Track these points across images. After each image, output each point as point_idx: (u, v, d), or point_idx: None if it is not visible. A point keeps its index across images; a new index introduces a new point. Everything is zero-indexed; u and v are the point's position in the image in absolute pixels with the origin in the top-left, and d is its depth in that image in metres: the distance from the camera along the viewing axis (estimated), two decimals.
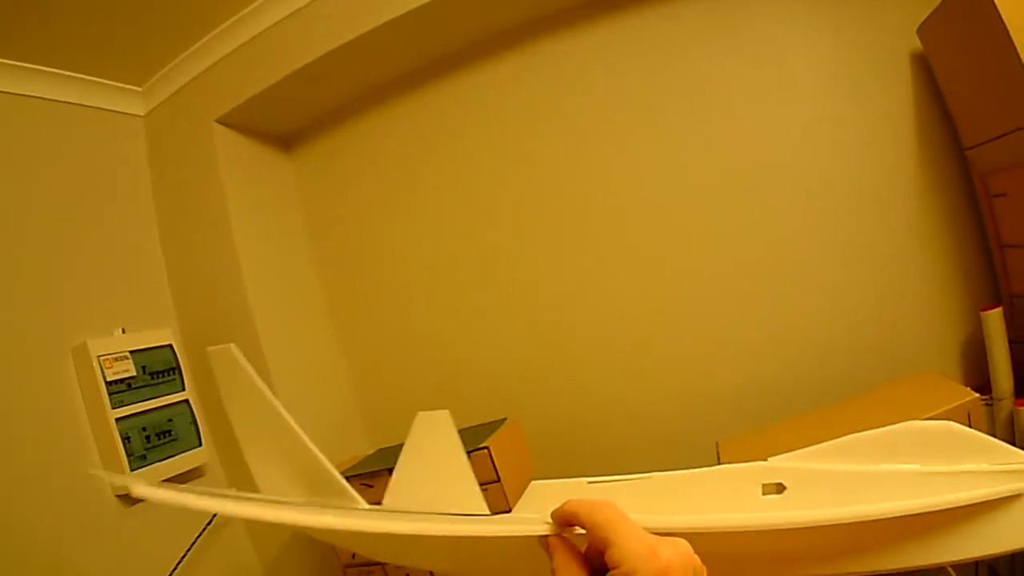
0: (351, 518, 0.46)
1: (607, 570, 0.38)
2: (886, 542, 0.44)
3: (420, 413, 0.96)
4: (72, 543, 1.29)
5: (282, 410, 0.73)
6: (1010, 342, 1.39)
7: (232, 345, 0.72)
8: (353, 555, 1.37)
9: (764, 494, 0.48)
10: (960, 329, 1.41)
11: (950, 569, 1.27)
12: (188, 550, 1.43)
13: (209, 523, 1.46)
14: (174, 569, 1.41)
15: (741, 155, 1.44)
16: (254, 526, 1.59)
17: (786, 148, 1.42)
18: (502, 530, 0.45)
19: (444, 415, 0.94)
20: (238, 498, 0.53)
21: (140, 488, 0.38)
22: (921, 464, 0.43)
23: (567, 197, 1.54)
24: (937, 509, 0.40)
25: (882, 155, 1.40)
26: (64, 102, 1.49)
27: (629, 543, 0.36)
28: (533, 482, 0.66)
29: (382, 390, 1.72)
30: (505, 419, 1.36)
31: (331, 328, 1.76)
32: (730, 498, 0.50)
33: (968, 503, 0.40)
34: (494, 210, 1.59)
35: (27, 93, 1.43)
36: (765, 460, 0.52)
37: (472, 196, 1.61)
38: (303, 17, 1.41)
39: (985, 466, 0.41)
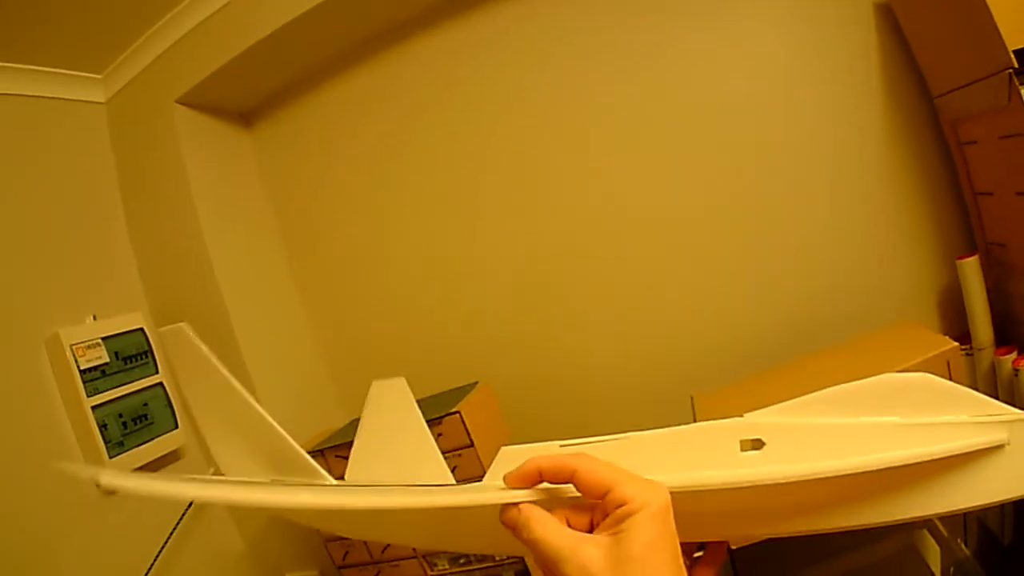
0: (320, 495, 0.45)
1: (590, 528, 0.37)
2: (868, 496, 0.44)
3: (375, 382, 0.95)
4: (54, 533, 1.29)
5: (241, 388, 0.72)
6: (988, 291, 1.38)
7: (183, 324, 0.70)
8: None
9: (743, 450, 0.47)
10: (937, 279, 1.40)
11: (937, 521, 1.27)
12: (170, 535, 1.43)
13: (188, 507, 1.46)
14: (158, 555, 1.41)
15: (707, 110, 1.42)
16: (235, 507, 1.59)
17: (752, 101, 1.40)
18: (475, 499, 0.44)
19: (400, 382, 0.92)
20: (207, 481, 0.52)
21: (107, 478, 0.37)
22: (900, 417, 0.43)
23: (535, 158, 1.53)
24: (919, 461, 0.40)
25: (851, 106, 1.39)
26: (25, 95, 1.47)
27: (631, 479, 0.36)
28: (503, 448, 0.65)
29: (353, 361, 1.72)
30: (477, 383, 1.35)
31: (299, 301, 1.76)
32: (708, 455, 0.49)
33: (949, 454, 0.40)
34: (458, 173, 1.58)
35: None
36: (742, 416, 0.52)
37: (436, 159, 1.60)
38: None
39: (965, 417, 0.40)
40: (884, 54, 1.38)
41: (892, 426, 0.43)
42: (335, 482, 0.76)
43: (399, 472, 0.88)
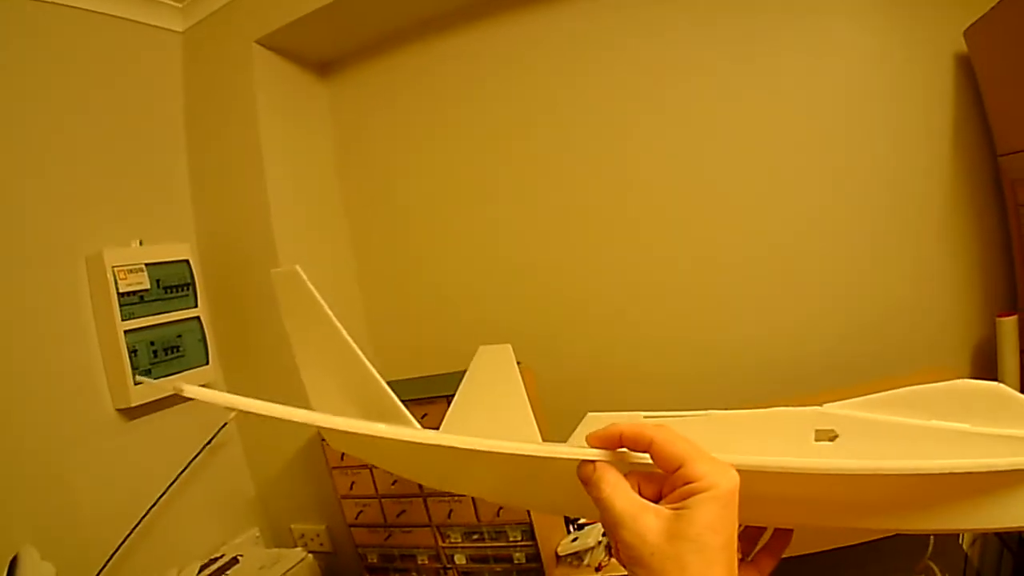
0: (403, 431, 0.47)
1: (658, 498, 0.38)
2: (929, 500, 0.45)
3: (482, 346, 0.97)
4: (70, 453, 1.29)
5: (347, 336, 0.73)
6: (1021, 352, 1.40)
7: (297, 267, 0.72)
8: (342, 456, 1.37)
9: (817, 440, 0.47)
10: (974, 332, 1.42)
11: (936, 570, 1.29)
12: (186, 467, 1.43)
13: (209, 442, 1.46)
14: (171, 484, 1.41)
15: (775, 138, 1.44)
16: (252, 451, 1.59)
17: (818, 137, 1.42)
18: (556, 451, 0.46)
19: (506, 349, 0.95)
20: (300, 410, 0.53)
21: (189, 388, 0.38)
22: (970, 424, 0.43)
23: (597, 157, 1.53)
24: (983, 471, 0.41)
25: (915, 152, 1.41)
26: (102, 13, 1.47)
27: (704, 458, 0.36)
28: (589, 413, 0.66)
29: (394, 327, 1.72)
30: (519, 363, 1.36)
31: (352, 260, 1.75)
32: (784, 441, 0.49)
33: (1013, 468, 0.40)
34: (520, 162, 1.59)
35: (65, 3, 1.40)
36: (821, 406, 0.53)
37: (500, 146, 1.60)
38: None
39: None
40: (957, 104, 1.40)
41: (961, 432, 0.43)
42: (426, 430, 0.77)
43: (492, 430, 0.89)
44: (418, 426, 0.76)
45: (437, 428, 0.94)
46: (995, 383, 0.44)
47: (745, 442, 0.55)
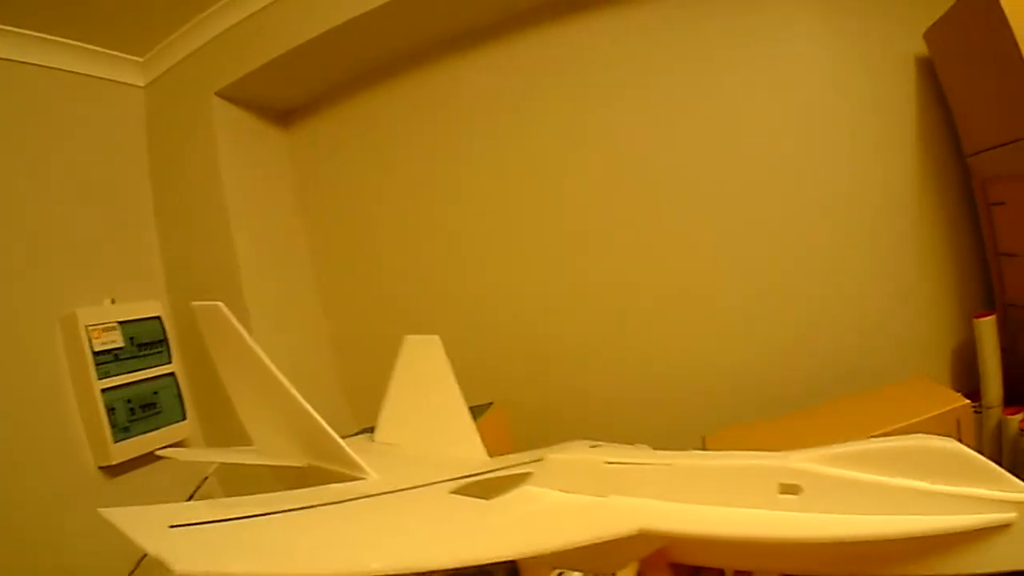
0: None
1: None
2: (890, 555, 0.47)
3: (408, 337, 0.98)
4: (55, 513, 1.28)
5: (277, 372, 0.73)
6: (1002, 350, 1.39)
7: (220, 304, 0.71)
8: None
9: (781, 493, 0.50)
10: (953, 335, 1.41)
11: None
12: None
13: (191, 496, 1.45)
14: None
15: (740, 151, 1.44)
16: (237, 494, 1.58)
17: (784, 145, 1.42)
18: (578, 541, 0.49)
19: (434, 340, 0.96)
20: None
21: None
22: (929, 483, 0.45)
23: (562, 184, 1.54)
24: (938, 533, 0.44)
25: (883, 156, 1.40)
26: (64, 70, 1.48)
27: None
28: (549, 456, 0.67)
29: (367, 374, 1.71)
30: (492, 403, 1.35)
31: (320, 308, 1.75)
32: (747, 494, 0.52)
33: (966, 528, 0.43)
34: (484, 197, 1.59)
35: (27, 60, 1.41)
36: (784, 454, 0.54)
37: (463, 182, 1.61)
38: None
39: (984, 492, 0.44)
40: (921, 107, 1.40)
41: (920, 492, 0.45)
42: (375, 475, 0.77)
43: (428, 436, 0.89)
44: (364, 467, 0.76)
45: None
46: (953, 443, 0.46)
47: (709, 494, 0.55)
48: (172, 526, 0.50)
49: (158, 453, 1.28)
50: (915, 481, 0.46)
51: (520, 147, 1.56)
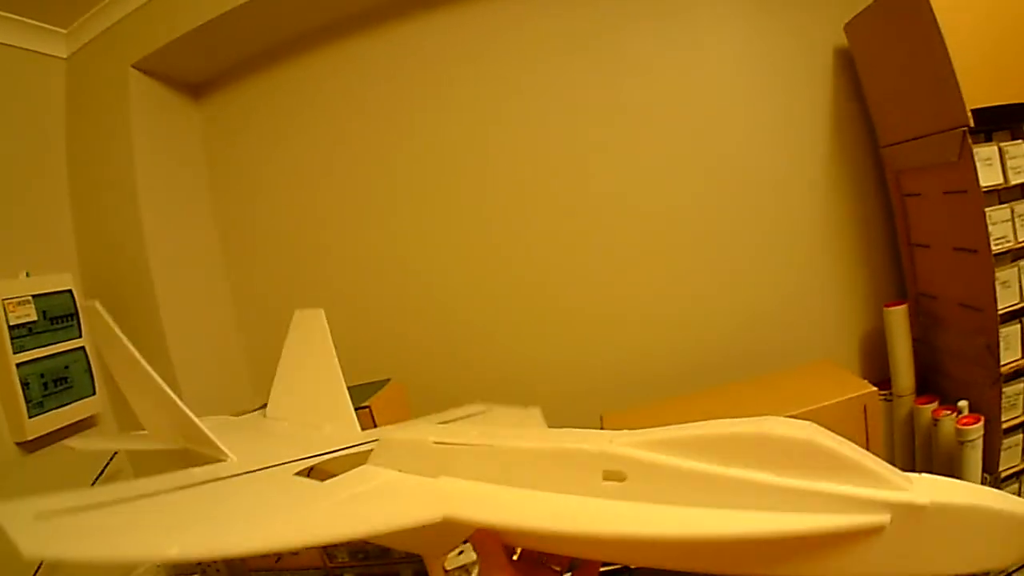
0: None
1: None
2: (722, 557, 0.42)
3: (297, 311, 1.00)
4: None
5: (147, 367, 0.76)
6: (914, 340, 1.41)
7: (96, 303, 0.74)
8: None
9: (605, 479, 0.46)
10: (864, 323, 1.43)
11: None
12: None
13: (103, 471, 1.44)
14: None
15: (653, 132, 1.44)
16: (143, 476, 1.58)
17: (697, 130, 1.42)
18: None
19: (318, 313, 0.97)
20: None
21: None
22: (775, 474, 0.39)
23: (466, 163, 1.54)
24: (781, 536, 0.37)
25: (799, 145, 1.41)
26: None
27: None
28: (384, 434, 0.66)
29: (271, 350, 1.70)
30: (389, 379, 1.36)
31: (226, 282, 1.74)
32: (571, 480, 0.48)
33: (818, 532, 0.37)
34: (391, 173, 1.59)
35: None
36: (610, 437, 0.51)
37: (368, 159, 1.60)
38: None
39: (846, 489, 0.37)
40: (837, 98, 1.41)
41: (763, 485, 0.39)
42: (233, 457, 0.77)
43: (308, 412, 0.91)
44: (228, 453, 0.77)
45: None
46: (812, 428, 0.40)
47: (531, 478, 0.54)
48: (38, 516, 0.51)
49: (64, 444, 1.32)
50: (758, 473, 0.39)
51: (428, 124, 1.55)
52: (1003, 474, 1.25)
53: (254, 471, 0.71)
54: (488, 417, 0.84)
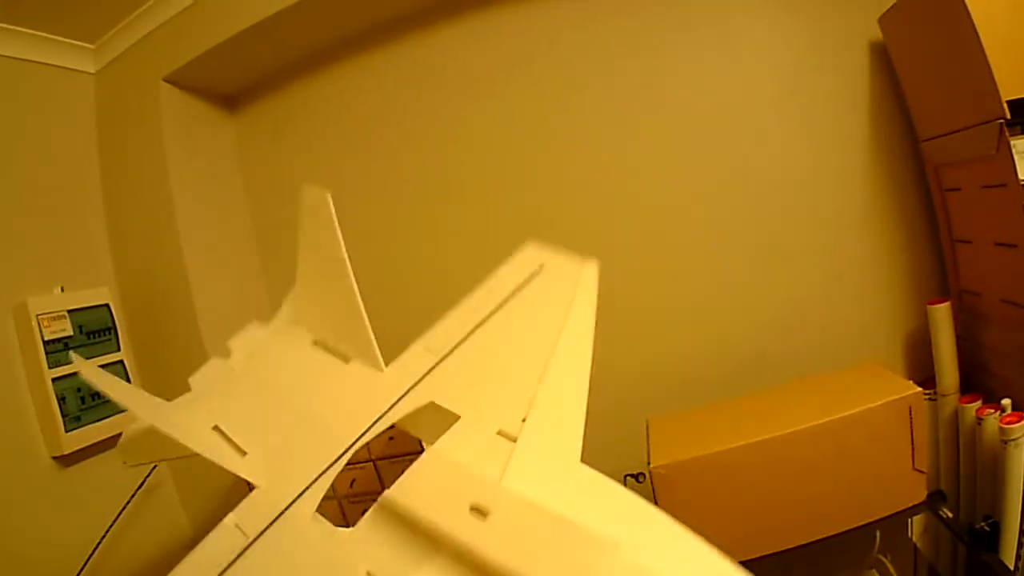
0: None
1: None
2: None
3: (305, 185, 1.00)
4: (9, 504, 1.28)
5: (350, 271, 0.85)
6: (957, 338, 1.38)
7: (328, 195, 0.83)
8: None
9: (470, 510, 0.53)
10: (907, 322, 1.40)
11: (887, 563, 1.28)
12: (122, 510, 1.42)
13: (142, 484, 1.45)
14: (109, 528, 1.40)
15: (693, 136, 1.42)
16: (185, 489, 1.59)
17: (737, 129, 1.40)
18: None
19: (324, 195, 0.95)
20: None
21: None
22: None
23: (513, 169, 1.52)
24: None
25: (839, 142, 1.39)
26: (14, 58, 1.46)
27: None
28: None
29: None
30: None
31: (265, 294, 1.74)
32: (437, 503, 0.55)
33: None
34: (429, 180, 1.58)
35: None
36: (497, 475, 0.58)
37: (405, 166, 1.60)
38: None
39: None
40: (875, 93, 1.38)
41: None
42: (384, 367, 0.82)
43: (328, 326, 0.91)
44: (380, 361, 0.82)
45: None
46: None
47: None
48: None
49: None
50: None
51: (467, 131, 1.54)
52: None
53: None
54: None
